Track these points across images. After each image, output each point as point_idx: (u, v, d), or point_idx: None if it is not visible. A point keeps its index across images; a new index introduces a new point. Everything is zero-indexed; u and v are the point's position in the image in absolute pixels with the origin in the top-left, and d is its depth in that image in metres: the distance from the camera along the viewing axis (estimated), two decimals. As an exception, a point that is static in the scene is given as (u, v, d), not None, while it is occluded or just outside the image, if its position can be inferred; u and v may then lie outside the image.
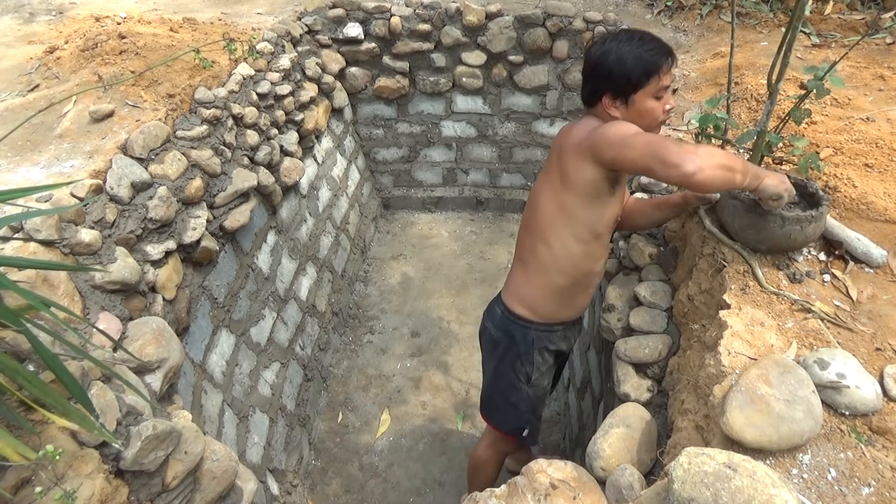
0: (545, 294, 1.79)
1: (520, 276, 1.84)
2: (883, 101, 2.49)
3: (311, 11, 3.81)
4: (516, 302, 1.85)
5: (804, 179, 1.68)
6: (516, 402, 1.95)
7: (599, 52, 1.53)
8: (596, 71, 1.54)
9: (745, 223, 1.62)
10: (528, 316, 1.83)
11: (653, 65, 1.48)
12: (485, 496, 1.26)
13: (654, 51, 1.49)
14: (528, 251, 1.79)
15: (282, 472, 2.63)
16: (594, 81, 1.56)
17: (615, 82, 1.51)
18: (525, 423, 1.99)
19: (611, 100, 1.54)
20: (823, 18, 3.42)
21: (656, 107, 1.54)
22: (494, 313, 1.93)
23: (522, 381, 1.90)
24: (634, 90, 1.51)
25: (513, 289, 1.86)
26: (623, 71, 1.49)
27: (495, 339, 1.94)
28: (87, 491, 1.27)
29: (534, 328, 1.84)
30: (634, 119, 1.53)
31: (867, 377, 1.26)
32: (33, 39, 3.10)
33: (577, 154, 1.57)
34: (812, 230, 1.57)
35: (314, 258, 3.44)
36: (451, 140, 4.40)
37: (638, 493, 1.24)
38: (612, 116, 1.55)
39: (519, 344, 1.86)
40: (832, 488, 1.12)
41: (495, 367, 1.97)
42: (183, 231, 2.20)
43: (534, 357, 1.86)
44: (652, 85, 1.50)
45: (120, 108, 2.29)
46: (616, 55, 1.49)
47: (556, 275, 1.75)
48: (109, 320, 1.71)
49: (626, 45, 1.49)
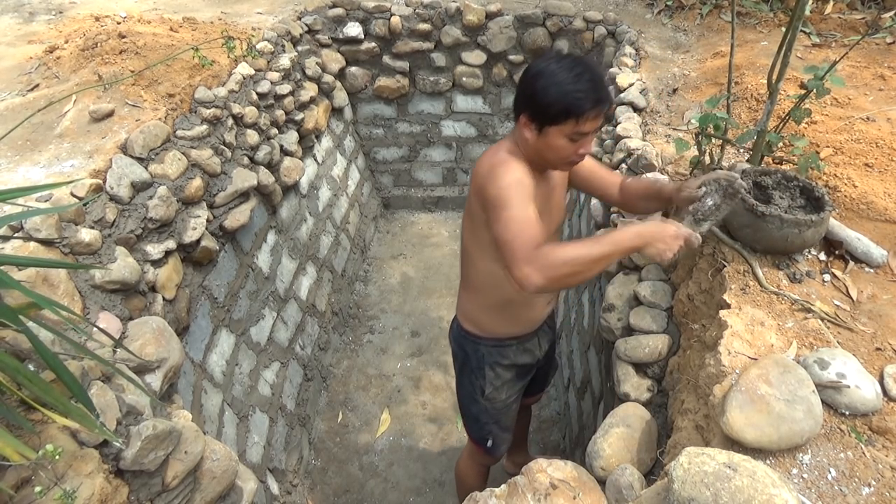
0: (484, 312, 1.79)
1: (462, 294, 1.85)
2: (883, 101, 2.49)
3: (311, 11, 3.81)
4: (464, 319, 1.86)
5: (812, 183, 1.67)
6: (477, 413, 1.97)
7: (537, 69, 1.41)
8: (524, 86, 1.43)
9: (743, 222, 1.62)
10: (476, 332, 1.83)
11: (575, 107, 1.35)
12: (485, 496, 1.26)
13: (584, 93, 1.35)
14: (463, 271, 1.80)
15: (282, 472, 2.63)
16: (519, 95, 1.46)
17: (534, 106, 1.40)
18: (488, 434, 1.99)
19: (527, 120, 1.44)
20: (823, 18, 3.42)
21: (567, 148, 1.43)
22: (452, 327, 1.97)
23: (478, 394, 1.91)
24: (550, 123, 1.40)
25: (460, 306, 1.89)
26: (544, 100, 1.38)
27: (453, 353, 2.00)
28: (87, 490, 1.27)
29: (483, 344, 1.84)
30: (542, 149, 1.46)
31: (867, 377, 1.26)
32: (33, 39, 3.10)
33: (474, 193, 1.54)
34: (811, 235, 1.56)
35: (314, 258, 3.44)
36: (451, 140, 4.40)
37: (638, 492, 1.24)
38: (524, 137, 1.47)
39: (471, 359, 1.88)
40: (832, 488, 1.12)
41: (457, 379, 2.03)
42: (183, 231, 2.20)
43: (485, 372, 1.86)
44: (568, 126, 1.38)
45: (120, 108, 2.29)
46: (546, 81, 1.37)
47: (489, 294, 1.74)
48: (109, 320, 1.71)
49: (562, 74, 1.36)
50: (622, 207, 1.97)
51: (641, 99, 2.86)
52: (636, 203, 1.80)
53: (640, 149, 2.39)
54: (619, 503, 1.26)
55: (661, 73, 3.17)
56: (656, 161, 2.30)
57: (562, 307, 3.46)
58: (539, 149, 1.46)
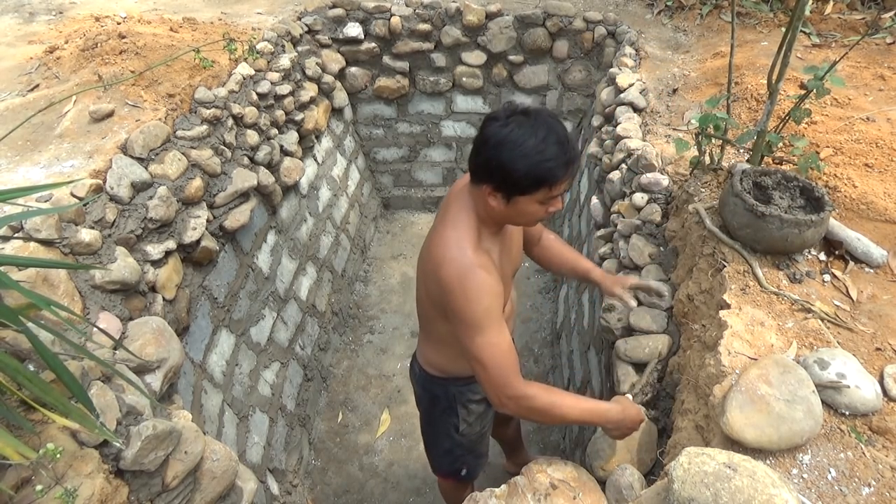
0: (451, 360, 1.71)
1: (424, 344, 1.77)
2: (883, 101, 2.49)
3: (311, 11, 3.81)
4: (428, 365, 1.78)
5: (812, 183, 1.67)
6: (450, 447, 1.91)
7: (497, 138, 1.27)
8: (486, 156, 1.30)
9: (743, 222, 1.62)
10: (444, 375, 1.77)
11: (546, 177, 1.27)
12: (485, 496, 1.26)
13: (554, 160, 1.26)
14: (424, 325, 1.72)
15: (282, 472, 2.63)
16: (482, 165, 1.32)
17: (502, 179, 1.29)
18: (461, 465, 1.96)
19: (492, 190, 1.32)
20: (823, 18, 3.42)
21: (538, 211, 1.35)
22: (414, 370, 1.87)
23: (452, 432, 1.86)
24: (520, 193, 1.30)
25: (423, 354, 1.79)
26: (513, 174, 1.27)
27: (418, 395, 1.90)
28: (87, 490, 1.27)
29: (452, 384, 1.77)
30: (512, 215, 1.38)
31: (867, 377, 1.26)
32: (33, 39, 3.10)
33: (435, 286, 1.41)
34: (811, 235, 1.56)
35: (314, 258, 3.44)
36: (452, 140, 4.40)
37: (638, 492, 1.24)
38: (489, 205, 1.35)
39: (441, 400, 1.81)
40: (832, 488, 1.12)
41: (425, 419, 1.94)
42: (183, 231, 2.20)
43: (458, 410, 1.80)
44: (541, 193, 1.30)
45: (120, 108, 2.29)
46: (511, 153, 1.25)
47: (454, 347, 1.53)
48: (109, 320, 1.71)
49: (529, 142, 1.25)
50: (535, 259, 1.88)
51: (641, 99, 2.87)
52: (553, 267, 1.85)
53: (639, 149, 2.39)
54: (619, 503, 1.26)
55: (661, 73, 3.17)
56: (656, 161, 2.30)
57: (562, 307, 3.46)
58: (507, 215, 1.38)
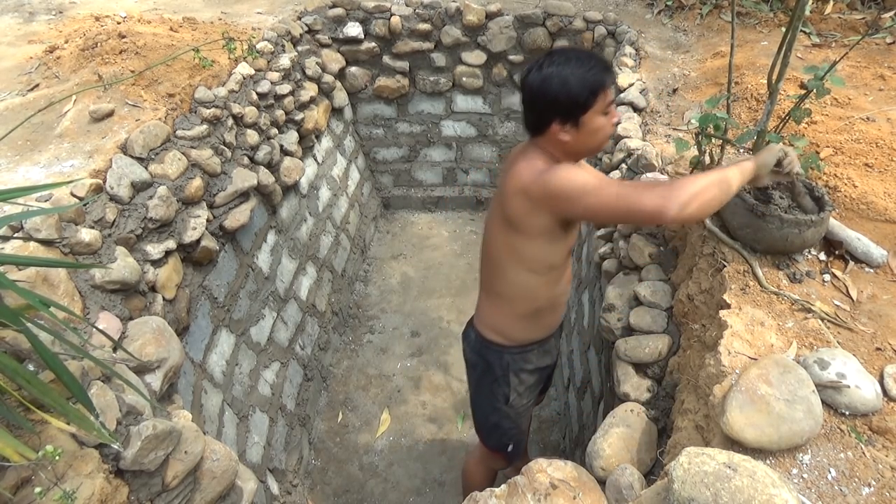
0: (513, 321, 1.78)
1: (486, 304, 1.83)
2: (883, 101, 2.49)
3: (311, 11, 3.81)
4: (487, 329, 1.83)
5: (812, 183, 1.67)
6: (498, 421, 1.95)
7: (539, 78, 1.45)
8: (539, 99, 1.47)
9: (743, 222, 1.62)
10: (501, 341, 1.81)
11: (598, 83, 1.43)
12: (485, 496, 1.26)
13: (595, 68, 1.43)
14: (489, 283, 1.79)
15: (282, 472, 2.63)
16: (539, 110, 1.49)
17: (563, 107, 1.45)
18: (509, 440, 1.99)
19: (560, 125, 1.47)
20: (823, 18, 3.42)
21: (605, 123, 1.49)
22: (469, 337, 1.92)
23: (501, 402, 1.90)
24: (584, 111, 1.45)
25: (482, 316, 1.85)
26: (569, 95, 1.43)
27: (472, 362, 1.93)
28: (87, 490, 1.27)
29: (508, 352, 1.82)
30: (586, 139, 1.49)
31: (867, 377, 1.26)
32: (33, 39, 3.10)
33: (527, 201, 1.51)
34: (811, 235, 1.56)
35: (314, 258, 3.44)
36: (451, 140, 4.39)
37: (638, 492, 1.24)
38: (561, 142, 1.49)
39: (495, 368, 1.85)
40: (832, 488, 1.12)
41: (475, 389, 1.98)
42: (183, 231, 2.20)
43: (510, 379, 1.85)
44: (600, 102, 1.45)
45: (120, 108, 2.29)
46: (559, 80, 1.43)
47: (520, 304, 1.74)
48: (109, 320, 1.71)
49: (567, 68, 1.42)
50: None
51: (641, 99, 2.86)
52: None
53: (640, 149, 2.39)
54: (619, 503, 1.26)
55: (661, 73, 3.17)
56: (656, 161, 2.30)
57: (562, 307, 3.46)
58: (582, 142, 1.49)
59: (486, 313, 1.84)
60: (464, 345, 1.97)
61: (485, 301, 1.84)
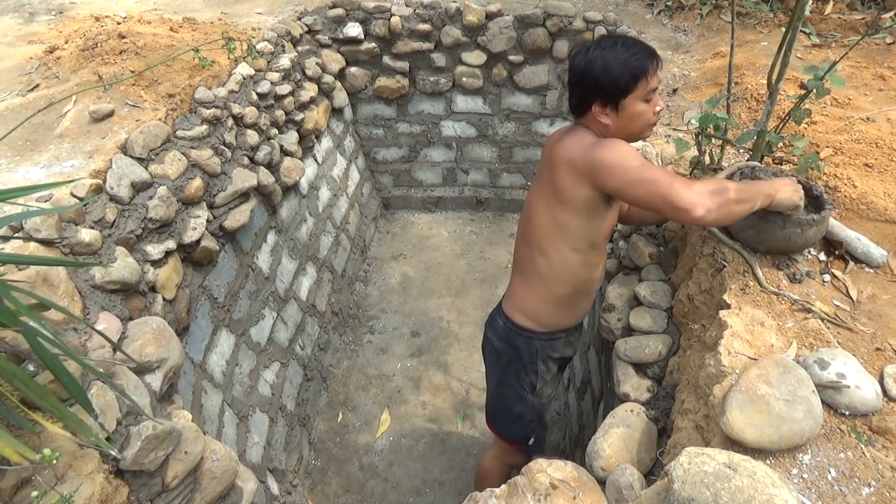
0: (547, 304, 1.77)
1: (520, 286, 1.82)
2: (883, 101, 2.49)
3: (311, 11, 3.81)
4: (519, 313, 1.82)
5: (809, 182, 1.67)
6: (522, 412, 1.93)
7: (584, 60, 1.50)
8: (583, 80, 1.52)
9: (745, 223, 1.62)
10: (532, 326, 1.81)
11: (640, 69, 1.47)
12: (485, 496, 1.26)
13: (640, 54, 1.48)
14: (527, 262, 1.77)
15: (282, 472, 2.63)
16: (582, 91, 1.54)
17: (604, 90, 1.50)
18: (531, 432, 1.97)
19: (601, 107, 1.53)
20: (823, 18, 3.42)
21: (646, 110, 1.53)
22: (496, 324, 1.90)
23: (527, 391, 1.88)
24: (624, 95, 1.49)
25: (514, 300, 1.84)
26: (610, 78, 1.47)
27: (498, 350, 1.90)
28: (87, 491, 1.27)
29: (537, 338, 1.82)
30: (626, 124, 1.53)
31: (867, 377, 1.26)
32: (33, 39, 3.10)
33: (573, 173, 1.54)
34: (813, 234, 1.56)
35: (314, 258, 3.44)
36: (451, 140, 4.40)
37: (638, 492, 1.24)
38: (602, 124, 1.54)
39: (523, 354, 1.84)
40: (832, 488, 1.12)
41: (499, 378, 1.95)
42: (183, 231, 2.20)
43: (538, 367, 1.84)
44: (640, 88, 1.49)
45: (120, 108, 2.29)
46: (602, 63, 1.47)
47: (557, 285, 1.74)
48: (109, 320, 1.71)
49: (611, 52, 1.47)
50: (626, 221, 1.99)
51: (641, 99, 2.86)
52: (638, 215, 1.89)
53: (639, 149, 2.39)
54: (619, 503, 1.26)
55: (661, 73, 3.17)
56: (656, 161, 2.30)
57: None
58: (622, 126, 1.53)
59: (519, 296, 1.82)
60: (489, 333, 1.95)
61: (519, 283, 1.83)
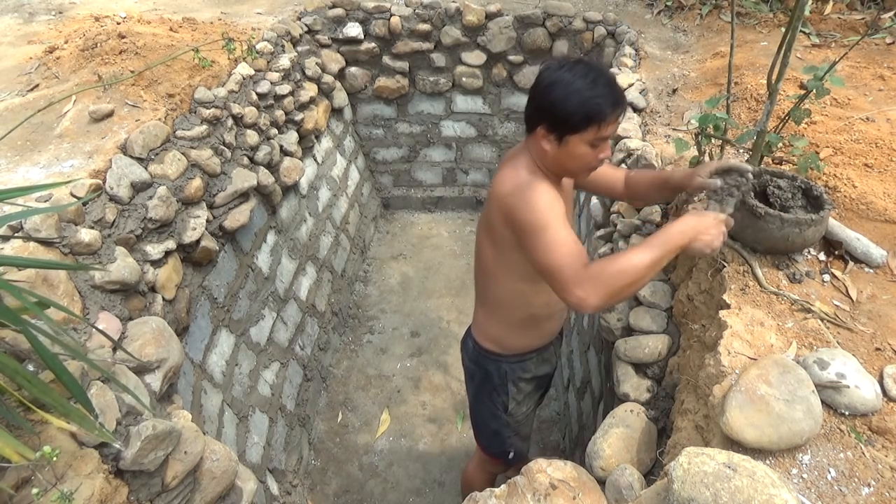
0: (509, 330, 1.75)
1: (482, 313, 1.81)
2: (883, 101, 2.49)
3: (310, 11, 3.81)
4: (483, 338, 1.81)
5: (809, 182, 1.67)
6: (498, 428, 1.93)
7: (549, 79, 1.38)
8: (539, 98, 1.41)
9: (744, 223, 1.62)
10: (498, 350, 1.79)
11: (596, 113, 1.34)
12: (484, 496, 1.26)
13: (603, 98, 1.34)
14: (483, 291, 1.76)
15: (281, 472, 2.63)
16: (534, 108, 1.43)
17: (554, 118, 1.38)
18: (510, 447, 1.97)
19: (545, 132, 1.41)
20: (823, 18, 3.42)
21: (588, 154, 1.41)
22: (467, 346, 1.90)
23: (500, 411, 1.88)
24: (571, 132, 1.38)
25: (479, 325, 1.83)
26: (564, 110, 1.35)
27: (470, 372, 1.92)
28: (87, 491, 1.27)
29: (505, 361, 1.80)
30: (564, 159, 1.43)
31: (867, 377, 1.26)
32: (33, 39, 3.10)
33: (498, 211, 1.48)
34: (811, 234, 1.56)
35: (314, 258, 3.44)
36: (451, 140, 4.40)
37: (638, 492, 1.24)
38: (542, 149, 1.44)
39: (493, 377, 1.83)
40: (832, 488, 1.12)
41: (474, 397, 1.96)
42: (183, 231, 2.20)
43: (508, 388, 1.83)
44: (590, 133, 1.37)
45: (119, 108, 2.29)
46: (563, 90, 1.35)
47: (515, 312, 1.71)
48: (109, 320, 1.71)
49: (578, 82, 1.34)
50: (629, 201, 1.96)
51: (641, 99, 2.86)
52: (644, 194, 1.79)
53: (639, 149, 2.39)
54: (618, 503, 1.26)
55: (660, 73, 3.17)
56: (656, 161, 2.30)
57: (561, 307, 3.46)
58: (559, 159, 1.44)
59: (481, 322, 1.81)
60: (462, 354, 1.96)
61: (480, 310, 1.81)
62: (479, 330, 1.83)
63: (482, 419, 1.98)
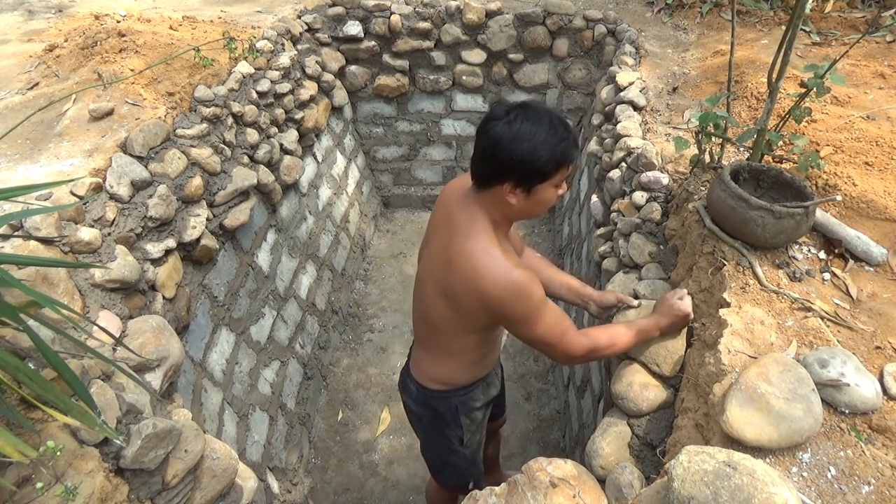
0: (458, 370, 1.72)
1: (426, 358, 1.75)
2: (883, 100, 2.48)
3: (310, 9, 3.80)
4: (429, 380, 1.75)
5: (792, 175, 1.68)
6: (455, 462, 1.90)
7: (508, 135, 1.32)
8: (502, 156, 1.34)
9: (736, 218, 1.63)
10: (446, 388, 1.74)
11: (565, 157, 1.35)
12: (484, 494, 1.26)
13: (567, 140, 1.35)
14: (429, 340, 1.71)
15: (282, 471, 2.64)
16: (498, 166, 1.36)
17: (524, 173, 1.35)
18: (468, 478, 1.94)
19: (512, 187, 1.37)
20: (824, 16, 3.42)
21: (552, 195, 1.43)
22: (409, 389, 1.82)
23: (456, 444, 1.84)
24: (541, 181, 1.37)
25: (422, 369, 1.76)
26: (535, 164, 1.33)
27: (417, 414, 1.85)
28: (88, 489, 1.27)
29: (454, 395, 1.75)
30: (530, 207, 1.43)
31: (867, 375, 1.26)
32: (33, 37, 3.10)
33: (475, 300, 1.43)
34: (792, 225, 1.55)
35: (314, 256, 3.44)
36: (451, 138, 4.39)
37: (637, 491, 1.24)
38: (507, 204, 1.40)
39: (444, 414, 1.78)
40: (832, 486, 1.13)
41: (424, 437, 1.92)
42: (183, 229, 2.20)
43: (461, 421, 1.79)
44: (559, 175, 1.38)
45: (120, 107, 2.29)
46: (528, 145, 1.32)
47: (468, 356, 1.68)
48: (109, 319, 1.71)
49: (540, 133, 1.32)
50: None
51: (641, 97, 2.86)
52: (552, 289, 1.85)
53: (639, 147, 2.39)
54: (618, 501, 1.26)
55: (661, 71, 3.17)
56: (656, 160, 2.30)
57: (560, 307, 3.46)
58: (526, 209, 1.43)
59: (426, 366, 1.75)
60: (404, 397, 1.89)
61: (425, 357, 1.75)
62: (423, 374, 1.76)
63: (438, 458, 1.94)
